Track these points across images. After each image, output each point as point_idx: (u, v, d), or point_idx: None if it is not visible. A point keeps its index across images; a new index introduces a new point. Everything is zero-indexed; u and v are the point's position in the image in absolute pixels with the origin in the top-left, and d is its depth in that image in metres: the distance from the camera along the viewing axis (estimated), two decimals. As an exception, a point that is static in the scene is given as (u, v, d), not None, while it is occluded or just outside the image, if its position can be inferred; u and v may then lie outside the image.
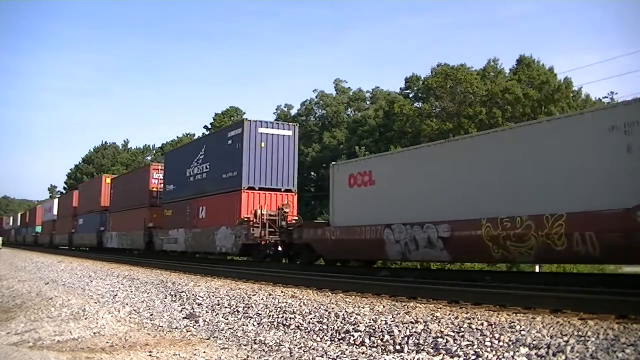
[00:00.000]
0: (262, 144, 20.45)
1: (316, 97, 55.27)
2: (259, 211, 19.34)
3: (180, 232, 24.88)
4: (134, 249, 31.26)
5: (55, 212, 51.87)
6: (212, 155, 23.12)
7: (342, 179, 15.87)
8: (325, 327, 7.94)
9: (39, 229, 59.28)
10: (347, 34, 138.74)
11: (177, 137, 72.27)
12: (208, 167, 23.41)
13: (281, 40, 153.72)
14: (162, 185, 28.49)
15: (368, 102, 55.95)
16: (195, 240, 23.56)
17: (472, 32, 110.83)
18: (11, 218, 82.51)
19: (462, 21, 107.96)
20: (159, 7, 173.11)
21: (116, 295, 13.53)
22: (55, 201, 55.32)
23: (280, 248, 19.23)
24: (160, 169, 29.35)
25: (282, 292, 11.34)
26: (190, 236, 23.96)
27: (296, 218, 19.95)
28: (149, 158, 74.64)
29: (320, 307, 8.99)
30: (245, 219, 19.61)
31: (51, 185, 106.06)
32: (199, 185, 23.88)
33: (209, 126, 61.95)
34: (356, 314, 8.16)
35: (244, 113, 60.86)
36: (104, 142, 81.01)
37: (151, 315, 10.67)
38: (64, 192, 78.46)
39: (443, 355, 6.06)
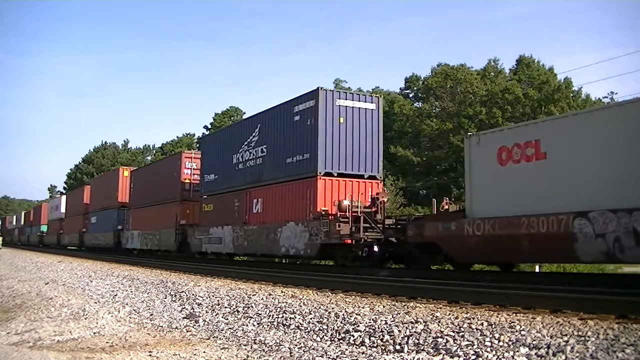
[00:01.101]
0: (341, 119, 16.83)
1: (316, 97, 55.28)
2: (346, 202, 15.65)
3: (226, 231, 21.06)
4: (163, 250, 27.22)
5: (63, 209, 48.34)
6: (271, 136, 19.23)
7: (486, 155, 12.18)
8: (325, 327, 7.94)
9: (44, 228, 56.27)
10: (347, 33, 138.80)
11: (177, 137, 72.44)
12: (265, 150, 19.51)
13: (281, 40, 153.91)
14: (196, 176, 25.05)
15: (368, 102, 55.88)
16: (248, 240, 19.69)
17: (472, 32, 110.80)
18: (14, 217, 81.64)
19: (462, 21, 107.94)
20: (159, 7, 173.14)
21: (116, 295, 13.54)
22: (63, 198, 51.65)
23: (376, 248, 15.37)
24: (194, 158, 25.77)
25: (282, 292, 11.35)
26: (240, 235, 20.17)
27: None
28: (149, 158, 74.69)
29: (320, 307, 8.99)
30: (324, 213, 16.00)
31: (51, 185, 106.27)
32: (253, 172, 20.12)
33: (209, 126, 61.99)
34: (356, 314, 8.16)
35: (244, 113, 60.90)
36: (104, 142, 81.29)
37: (151, 315, 10.67)
38: (64, 192, 78.32)
39: (443, 355, 6.05)
